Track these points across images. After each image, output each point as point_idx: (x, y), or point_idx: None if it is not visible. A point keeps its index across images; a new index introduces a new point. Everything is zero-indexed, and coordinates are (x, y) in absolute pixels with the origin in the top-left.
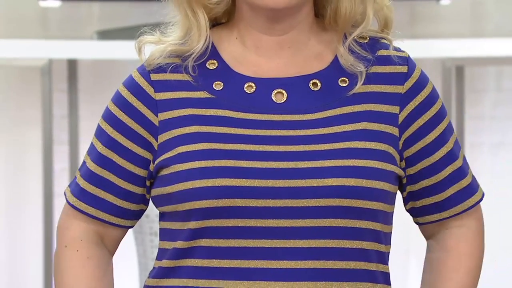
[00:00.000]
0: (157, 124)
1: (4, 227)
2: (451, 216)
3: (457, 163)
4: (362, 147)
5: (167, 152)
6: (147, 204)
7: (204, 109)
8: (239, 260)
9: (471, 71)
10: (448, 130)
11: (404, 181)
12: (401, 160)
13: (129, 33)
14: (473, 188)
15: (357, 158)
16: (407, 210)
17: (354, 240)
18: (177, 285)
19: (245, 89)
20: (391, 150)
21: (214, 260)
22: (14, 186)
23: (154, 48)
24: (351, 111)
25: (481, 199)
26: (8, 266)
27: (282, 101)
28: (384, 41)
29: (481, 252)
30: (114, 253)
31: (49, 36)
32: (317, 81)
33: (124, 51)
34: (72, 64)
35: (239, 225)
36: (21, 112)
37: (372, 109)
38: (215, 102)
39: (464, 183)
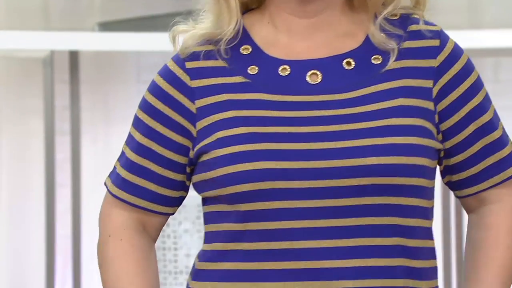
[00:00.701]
0: (194, 111)
1: (6, 216)
2: (487, 188)
3: (495, 134)
4: (399, 123)
5: (207, 138)
6: (187, 191)
7: (240, 94)
8: (286, 242)
9: None
10: (484, 102)
11: (441, 154)
12: (438, 134)
13: (130, 24)
14: (511, 159)
15: (396, 135)
16: (445, 183)
17: (398, 217)
18: (230, 269)
19: (279, 72)
20: (428, 124)
21: (263, 242)
22: (16, 176)
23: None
24: (386, 88)
25: None
26: (11, 256)
27: (317, 82)
28: (415, 15)
29: None
30: (156, 239)
31: (51, 28)
32: (351, 60)
33: (125, 43)
34: (74, 56)
35: (283, 207)
36: (23, 103)
37: (407, 85)
38: (251, 86)
39: (502, 154)
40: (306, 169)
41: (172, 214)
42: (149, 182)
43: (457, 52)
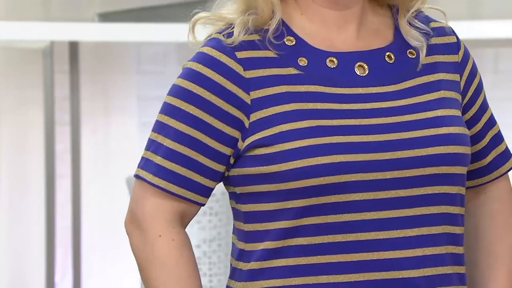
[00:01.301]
0: (249, 103)
1: (6, 207)
2: (491, 181)
3: (496, 128)
4: (447, 114)
5: (264, 130)
6: (221, 181)
7: (296, 86)
8: (353, 234)
9: None
10: (485, 96)
11: None
12: None
13: (130, 15)
14: (508, 152)
15: (448, 126)
16: None
17: (448, 205)
18: (287, 265)
19: (327, 64)
20: (461, 115)
21: (324, 236)
22: (16, 167)
23: (209, 28)
24: (428, 81)
25: None
26: (10, 247)
27: (365, 74)
28: (422, 12)
29: None
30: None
31: (51, 18)
32: (391, 54)
33: (125, 33)
34: (73, 46)
35: (353, 199)
36: (23, 94)
37: (443, 78)
38: (305, 78)
39: (502, 147)
40: (375, 161)
41: (204, 205)
42: (196, 174)
43: (466, 48)
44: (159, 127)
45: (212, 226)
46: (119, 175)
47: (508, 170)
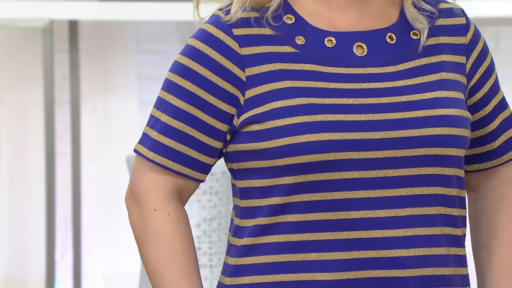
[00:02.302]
0: (244, 80)
1: (7, 186)
2: (501, 164)
3: (508, 112)
4: (447, 96)
5: (258, 107)
6: (220, 158)
7: (292, 64)
8: (343, 212)
9: None
10: (497, 79)
11: None
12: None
13: None
14: None
15: (446, 107)
16: None
17: (443, 186)
18: (277, 241)
19: (325, 43)
20: (464, 98)
21: (314, 213)
22: (16, 145)
23: (214, 5)
24: (429, 62)
25: None
26: (11, 225)
27: (363, 55)
28: None
29: None
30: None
31: None
32: (393, 35)
33: (125, 12)
34: (73, 25)
35: (342, 178)
36: (22, 73)
37: (445, 60)
38: (301, 57)
39: None
40: (365, 140)
41: (203, 181)
42: (191, 149)
43: (477, 30)
44: (158, 103)
45: (212, 205)
46: (119, 153)
47: None
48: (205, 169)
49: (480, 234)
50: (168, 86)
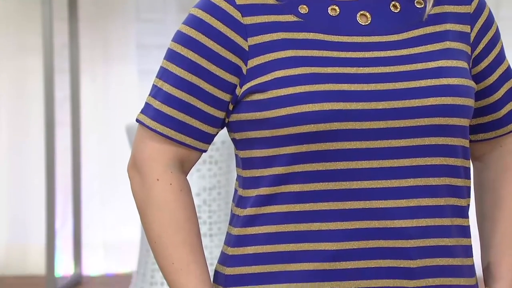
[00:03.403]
0: (246, 49)
1: (6, 155)
2: (505, 134)
3: None
4: (451, 65)
5: (260, 76)
6: (223, 127)
7: (295, 33)
8: (346, 182)
9: None
10: (503, 48)
11: None
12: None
13: None
14: None
15: (449, 77)
16: None
17: (448, 157)
18: (280, 211)
19: (329, 12)
20: (468, 67)
21: (317, 183)
22: (16, 115)
23: None
24: (433, 31)
25: None
26: (11, 194)
27: (367, 23)
28: None
29: None
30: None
31: None
32: (397, 3)
33: None
34: None
35: (345, 148)
36: (22, 41)
37: (450, 29)
38: (304, 26)
39: None
40: (368, 110)
41: (206, 151)
42: (194, 119)
43: None
44: (161, 72)
45: (212, 174)
46: (118, 122)
47: None
48: (207, 139)
49: (484, 204)
50: (171, 55)
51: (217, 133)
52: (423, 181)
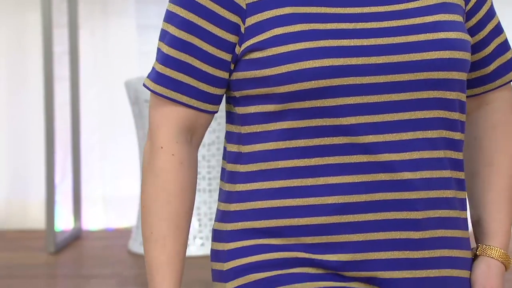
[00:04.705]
0: (244, 7)
1: (5, 109)
2: (494, 89)
3: (503, 36)
4: (447, 19)
5: (259, 34)
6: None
7: None
8: (350, 137)
9: None
10: (493, 4)
11: None
12: None
13: None
14: None
15: (447, 31)
16: None
17: (446, 110)
18: (286, 167)
19: None
20: (463, 21)
21: (321, 138)
22: (14, 69)
23: None
24: None
25: None
26: (11, 149)
27: None
28: None
29: None
30: (202, 140)
31: None
32: None
33: None
34: None
35: (347, 103)
36: None
37: None
38: None
39: (507, 56)
40: (368, 65)
41: (216, 112)
42: (194, 79)
43: None
44: (162, 35)
45: (211, 130)
46: (117, 77)
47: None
48: (212, 99)
49: (473, 163)
50: (169, 16)
51: (224, 93)
52: (422, 134)
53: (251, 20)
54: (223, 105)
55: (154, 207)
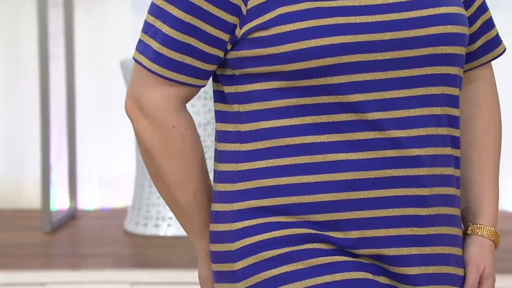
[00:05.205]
0: None
1: (0, 89)
2: (478, 66)
3: (488, 14)
4: None
5: (263, 15)
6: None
7: None
8: (358, 113)
9: None
10: None
11: None
12: None
13: None
14: (498, 39)
15: (447, 5)
16: None
17: (448, 86)
18: (294, 143)
19: None
20: None
21: (330, 115)
22: (9, 48)
23: None
24: None
25: (504, 50)
26: (6, 129)
27: None
28: None
29: (498, 98)
30: None
31: None
32: None
33: None
34: None
35: (354, 80)
36: None
37: None
38: None
39: (492, 33)
40: (375, 42)
41: (205, 86)
42: (194, 59)
43: None
44: (157, 11)
45: (207, 110)
46: (112, 56)
47: (496, 57)
48: (207, 75)
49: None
50: None
51: (215, 69)
52: (429, 110)
53: (253, 2)
54: None
55: (184, 183)
